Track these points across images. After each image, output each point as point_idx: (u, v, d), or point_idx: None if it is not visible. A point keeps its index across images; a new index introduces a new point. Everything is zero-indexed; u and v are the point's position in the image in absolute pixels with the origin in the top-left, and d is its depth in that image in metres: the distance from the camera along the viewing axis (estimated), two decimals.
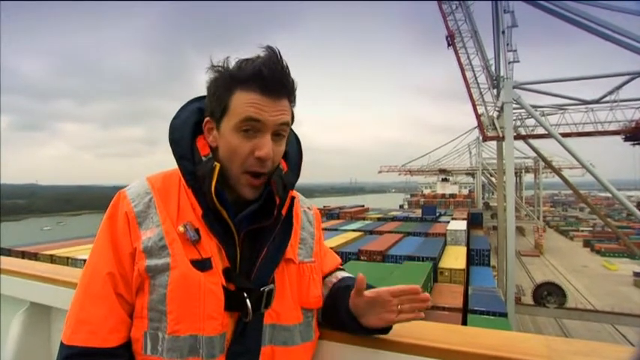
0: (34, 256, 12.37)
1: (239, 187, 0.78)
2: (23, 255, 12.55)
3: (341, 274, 0.99)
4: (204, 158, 0.78)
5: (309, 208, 0.97)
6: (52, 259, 11.94)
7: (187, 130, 0.81)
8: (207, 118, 0.80)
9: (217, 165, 0.76)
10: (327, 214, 26.94)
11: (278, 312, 0.80)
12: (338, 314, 0.88)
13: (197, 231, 0.75)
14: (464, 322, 8.44)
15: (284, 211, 0.83)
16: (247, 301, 0.75)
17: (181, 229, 0.74)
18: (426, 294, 0.81)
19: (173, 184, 0.81)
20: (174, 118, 0.83)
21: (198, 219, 0.77)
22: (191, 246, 0.74)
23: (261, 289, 0.77)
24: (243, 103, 0.73)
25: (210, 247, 0.76)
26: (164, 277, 0.72)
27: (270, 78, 0.73)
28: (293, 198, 0.86)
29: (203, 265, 0.74)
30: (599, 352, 0.74)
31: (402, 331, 0.88)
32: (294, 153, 0.89)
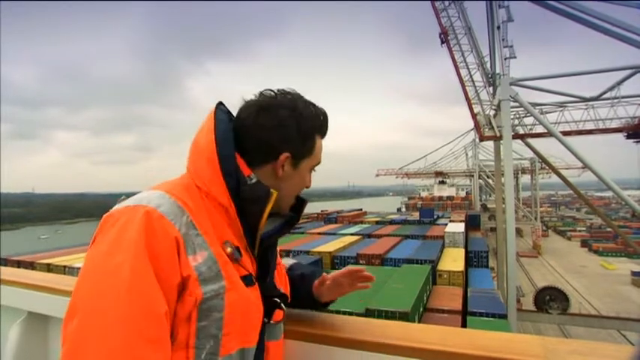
0: (31, 266, 12.27)
1: (287, 207, 0.88)
2: (19, 264, 12.45)
3: (285, 263, 1.11)
4: (248, 179, 0.79)
5: None
6: (49, 268, 11.86)
7: (231, 147, 0.80)
8: (287, 154, 0.82)
9: (275, 193, 0.79)
10: (325, 218, 26.92)
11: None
12: (299, 298, 1.02)
13: (238, 249, 0.76)
14: (463, 325, 8.43)
15: None
16: (282, 305, 0.84)
17: (229, 249, 0.74)
18: (370, 274, 0.98)
19: (197, 199, 0.76)
20: (218, 131, 0.79)
21: (237, 236, 0.78)
22: (237, 264, 0.75)
23: (281, 292, 0.87)
24: (319, 149, 0.87)
25: (248, 262, 0.79)
26: (218, 301, 0.70)
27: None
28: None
29: (248, 280, 0.76)
30: (595, 352, 0.74)
31: (399, 333, 0.89)
32: None
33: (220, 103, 0.86)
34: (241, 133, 0.81)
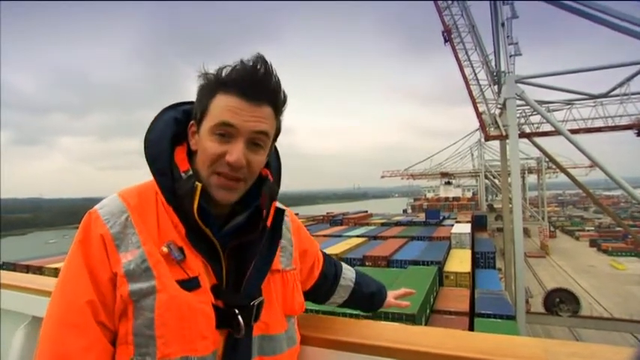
0: (39, 270, 12.38)
1: (211, 190, 0.75)
2: (28, 269, 12.58)
3: (351, 275, 1.17)
4: (183, 175, 0.75)
5: (285, 214, 0.96)
6: (57, 273, 11.93)
7: (165, 144, 0.78)
8: (191, 122, 0.79)
9: (199, 185, 0.73)
10: (331, 220, 26.86)
11: (266, 323, 0.80)
12: (357, 307, 1.21)
13: (181, 250, 0.72)
14: (471, 326, 8.36)
15: (269, 223, 0.83)
16: (239, 317, 0.74)
17: (165, 249, 0.71)
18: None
19: (150, 201, 0.76)
20: (149, 131, 0.79)
21: (181, 237, 0.74)
22: (176, 266, 0.71)
23: (251, 303, 0.76)
24: (221, 106, 0.73)
25: (196, 265, 0.74)
26: (150, 301, 0.68)
27: (250, 82, 0.73)
28: (282, 210, 0.86)
29: (191, 284, 0.72)
30: (596, 354, 0.74)
31: (399, 336, 0.88)
32: (275, 166, 0.89)
33: (178, 104, 0.84)
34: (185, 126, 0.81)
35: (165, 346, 0.68)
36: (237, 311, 0.74)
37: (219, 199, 0.76)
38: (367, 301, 1.19)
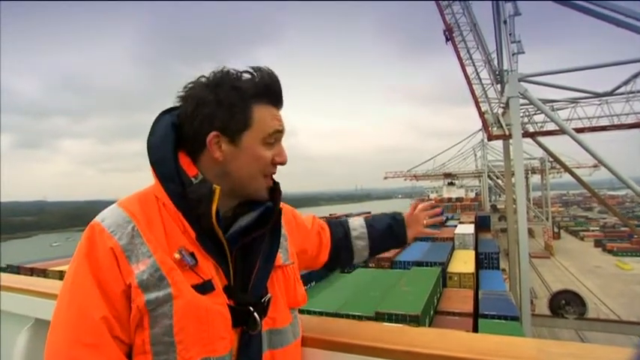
0: (43, 273, 12.44)
1: (258, 191, 0.81)
2: (32, 272, 12.64)
3: (360, 222, 1.17)
4: (193, 179, 0.76)
5: None
6: (61, 275, 12.00)
7: (169, 149, 0.77)
8: (214, 133, 0.76)
9: (217, 188, 0.74)
10: None
11: (273, 317, 0.83)
12: (388, 245, 1.20)
13: (192, 255, 0.73)
14: (475, 327, 8.32)
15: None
16: (255, 314, 0.77)
17: (177, 255, 0.72)
18: (438, 209, 1.25)
19: (152, 208, 0.76)
20: (151, 135, 0.79)
21: (191, 242, 0.74)
22: (190, 271, 0.72)
23: (262, 300, 0.80)
24: (267, 116, 0.78)
25: (208, 268, 0.75)
26: (167, 308, 0.69)
27: (280, 92, 0.81)
28: (280, 209, 0.87)
29: (205, 287, 0.73)
30: (591, 354, 0.74)
31: (399, 338, 0.89)
32: None
33: (173, 109, 0.83)
34: (180, 130, 0.80)
35: (185, 351, 0.70)
36: (252, 309, 0.77)
37: (263, 198, 0.82)
38: (387, 234, 1.18)
